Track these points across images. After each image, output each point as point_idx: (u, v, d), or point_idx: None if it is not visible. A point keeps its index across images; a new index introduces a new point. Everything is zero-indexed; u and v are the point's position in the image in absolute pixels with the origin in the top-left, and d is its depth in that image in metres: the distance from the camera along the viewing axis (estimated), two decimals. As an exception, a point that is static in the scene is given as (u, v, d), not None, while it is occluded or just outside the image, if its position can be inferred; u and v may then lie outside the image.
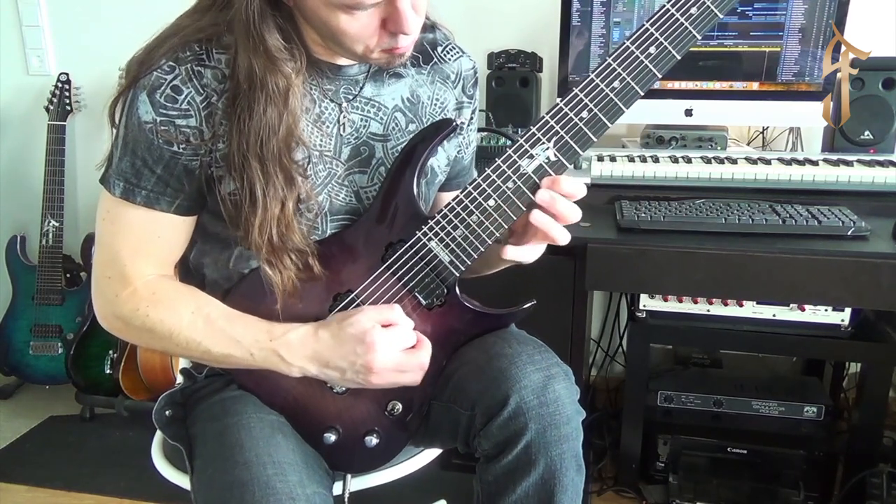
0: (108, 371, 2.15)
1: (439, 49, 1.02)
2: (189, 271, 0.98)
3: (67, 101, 2.23)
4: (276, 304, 0.90)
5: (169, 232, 0.91)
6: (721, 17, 0.84)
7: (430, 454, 1.13)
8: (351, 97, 0.94)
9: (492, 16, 1.99)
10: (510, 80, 1.83)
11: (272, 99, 0.83)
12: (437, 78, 1.01)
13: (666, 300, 1.63)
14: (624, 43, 0.85)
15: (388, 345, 0.87)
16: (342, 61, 0.92)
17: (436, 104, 1.01)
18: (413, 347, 0.90)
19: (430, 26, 1.01)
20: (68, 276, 2.28)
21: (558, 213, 0.87)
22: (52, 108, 2.22)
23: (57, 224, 2.22)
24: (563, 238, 0.88)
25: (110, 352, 2.15)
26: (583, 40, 1.68)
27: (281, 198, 0.85)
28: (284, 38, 0.84)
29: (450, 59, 1.02)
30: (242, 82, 0.82)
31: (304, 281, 0.90)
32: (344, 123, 0.93)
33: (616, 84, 0.85)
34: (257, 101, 0.82)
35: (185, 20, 0.88)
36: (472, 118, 1.07)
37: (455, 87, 1.03)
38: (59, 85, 2.23)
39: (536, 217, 0.87)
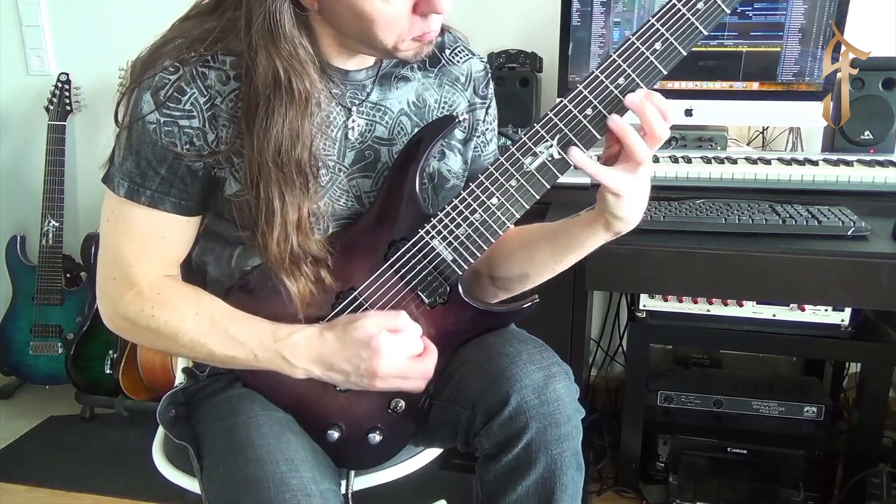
0: (108, 371, 2.15)
1: (447, 52, 1.01)
2: (191, 270, 0.98)
3: (67, 101, 2.23)
4: (298, 313, 0.90)
5: (173, 232, 0.91)
6: (728, 12, 0.81)
7: (430, 454, 1.12)
8: (358, 102, 0.93)
9: (492, 16, 1.99)
10: (510, 80, 1.83)
11: (296, 103, 0.82)
12: (445, 81, 1.00)
13: (666, 300, 1.63)
14: (629, 39, 0.82)
15: (394, 351, 0.87)
16: (350, 66, 0.92)
17: (444, 107, 1.00)
18: (420, 355, 0.90)
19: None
20: (68, 276, 2.28)
21: (646, 120, 0.82)
22: (52, 108, 2.22)
23: (57, 224, 2.22)
24: (644, 152, 0.82)
25: (110, 352, 2.15)
26: (583, 40, 1.68)
27: (298, 204, 0.85)
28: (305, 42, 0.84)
29: (458, 62, 1.02)
30: (263, 87, 0.81)
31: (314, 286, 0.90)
32: (351, 128, 0.93)
33: (621, 81, 0.83)
34: (280, 105, 0.82)
35: (189, 22, 0.88)
36: (486, 118, 1.06)
37: (466, 90, 1.02)
38: (59, 85, 2.23)
39: (616, 120, 0.82)
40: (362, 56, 0.91)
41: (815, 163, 1.50)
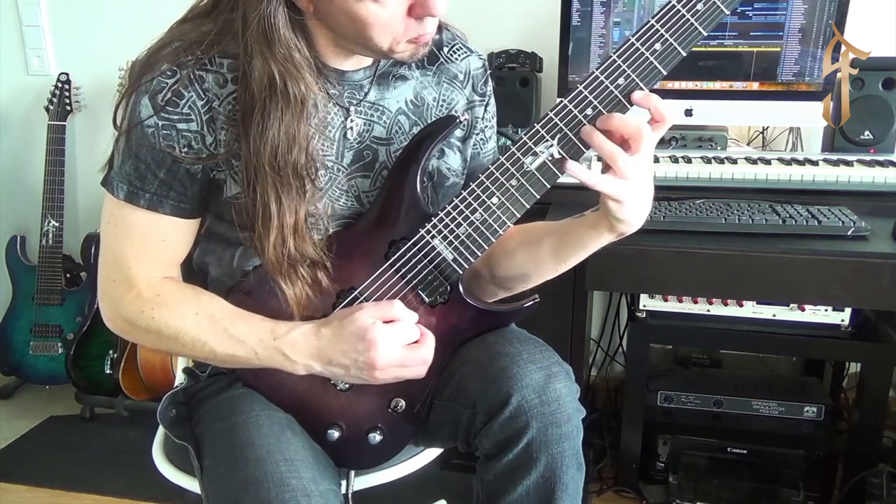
0: (108, 371, 2.15)
1: (445, 49, 1.01)
2: (192, 270, 0.98)
3: (67, 102, 2.23)
4: (294, 316, 0.90)
5: (173, 235, 0.92)
6: (727, 12, 0.82)
7: (430, 454, 1.13)
8: (356, 102, 0.93)
9: (491, 16, 1.99)
10: (510, 80, 1.83)
11: (292, 107, 0.82)
12: (443, 79, 1.00)
13: (666, 300, 1.63)
14: (629, 39, 0.83)
15: (389, 341, 0.87)
16: (347, 66, 0.92)
17: (442, 105, 1.00)
18: (416, 342, 0.90)
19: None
20: (68, 276, 2.28)
21: (653, 106, 0.82)
22: (52, 108, 2.22)
23: (57, 224, 2.22)
24: (624, 163, 0.82)
25: (110, 352, 2.15)
26: (583, 40, 1.68)
27: (295, 207, 0.85)
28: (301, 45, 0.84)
29: (456, 59, 1.01)
30: (259, 90, 0.81)
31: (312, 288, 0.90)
32: (350, 128, 0.93)
33: (620, 81, 0.83)
34: (276, 109, 0.82)
35: (186, 24, 0.88)
36: (484, 115, 1.06)
37: (465, 87, 1.02)
38: (59, 85, 2.23)
39: (588, 132, 0.83)
40: (359, 56, 0.91)
41: (815, 163, 1.50)
